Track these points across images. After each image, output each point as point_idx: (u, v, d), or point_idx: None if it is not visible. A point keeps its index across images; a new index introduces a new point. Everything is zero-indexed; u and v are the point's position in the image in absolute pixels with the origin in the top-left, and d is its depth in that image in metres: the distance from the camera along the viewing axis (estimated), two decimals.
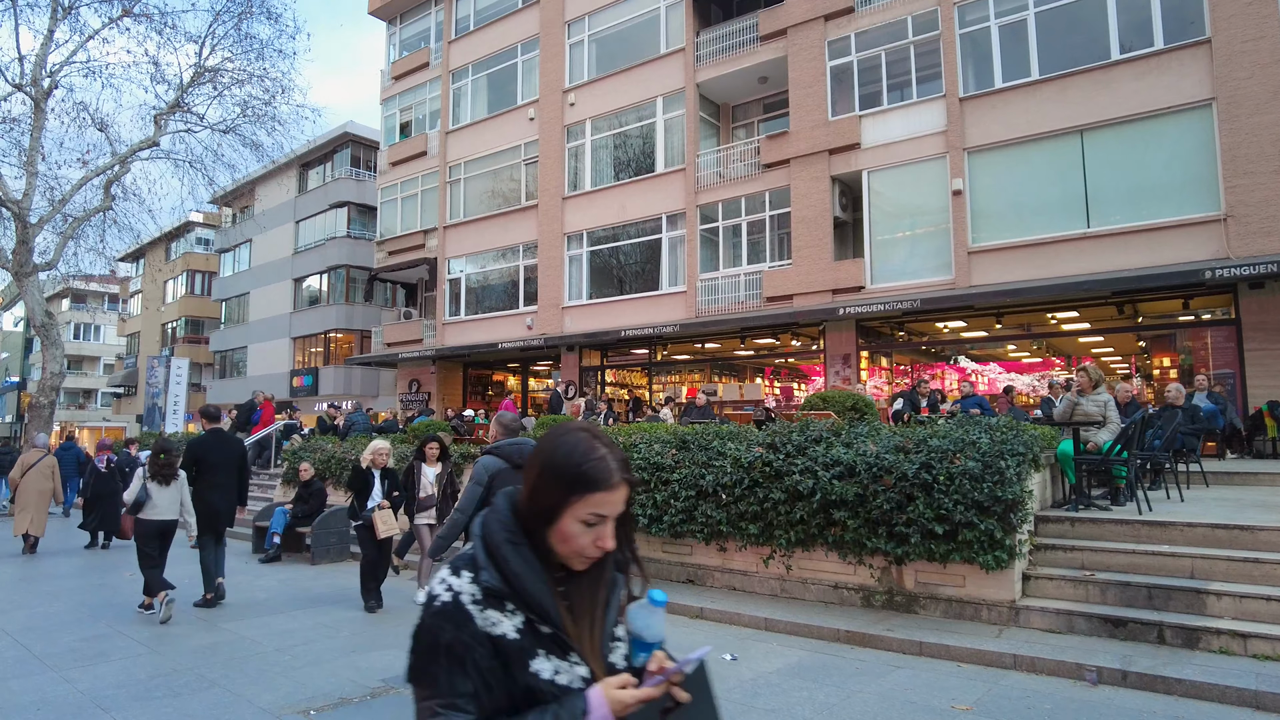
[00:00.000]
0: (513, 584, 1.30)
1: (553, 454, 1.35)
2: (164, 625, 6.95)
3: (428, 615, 1.29)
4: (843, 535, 6.57)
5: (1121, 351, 18.28)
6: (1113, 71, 14.51)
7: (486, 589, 1.29)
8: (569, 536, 1.32)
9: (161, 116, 18.36)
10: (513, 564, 1.30)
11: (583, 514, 1.31)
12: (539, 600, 1.30)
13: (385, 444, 8.06)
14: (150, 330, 46.79)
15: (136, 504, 7.30)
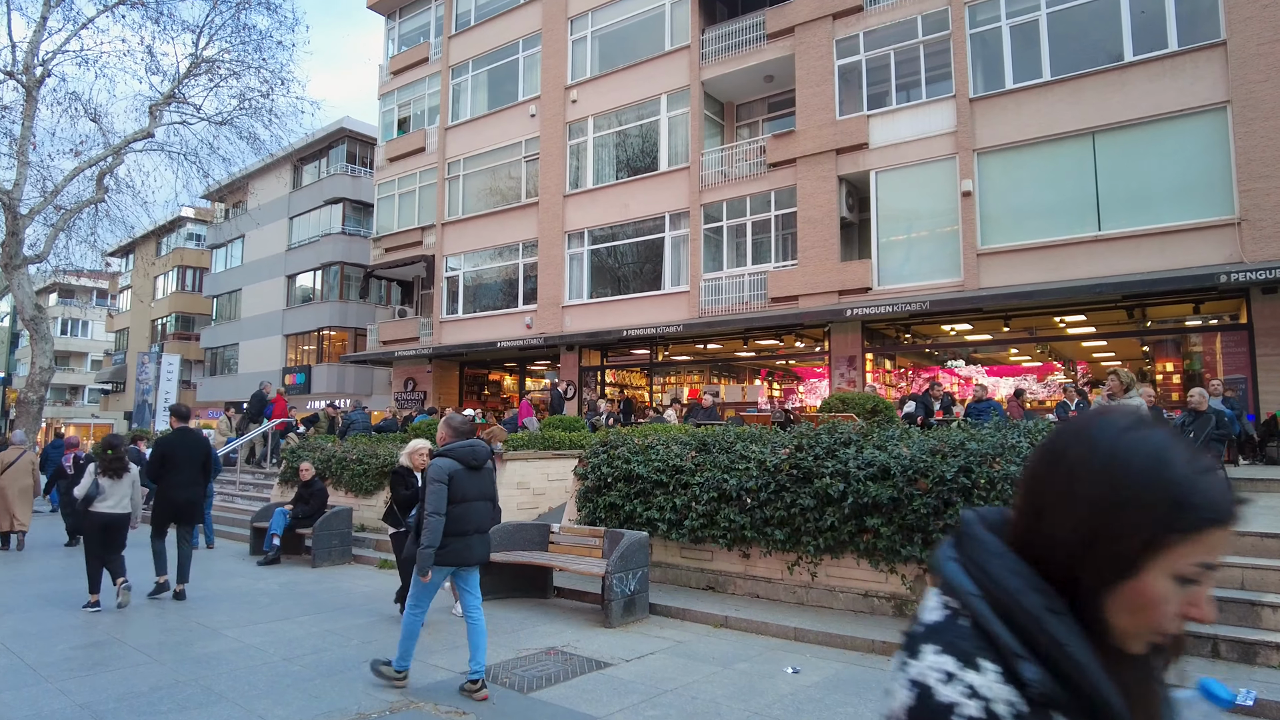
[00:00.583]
0: (1074, 685, 0.80)
1: (1123, 462, 0.83)
2: (162, 632, 6.64)
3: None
4: (875, 542, 6.33)
5: (1123, 356, 18.15)
6: (1126, 73, 14.37)
7: (1037, 696, 0.80)
8: (1152, 601, 0.83)
9: (156, 107, 17.99)
10: (1073, 650, 0.81)
11: (1184, 564, 0.82)
12: (1114, 713, 0.81)
13: (426, 443, 7.32)
14: (140, 326, 46.19)
15: (87, 498, 7.49)
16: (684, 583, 7.66)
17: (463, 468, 5.15)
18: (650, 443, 8.16)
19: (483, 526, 5.27)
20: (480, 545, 5.22)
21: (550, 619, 6.98)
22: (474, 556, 5.17)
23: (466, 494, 5.14)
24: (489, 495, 5.39)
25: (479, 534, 5.21)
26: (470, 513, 5.13)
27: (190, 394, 39.79)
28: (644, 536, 6.93)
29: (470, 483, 5.17)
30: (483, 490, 5.30)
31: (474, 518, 5.15)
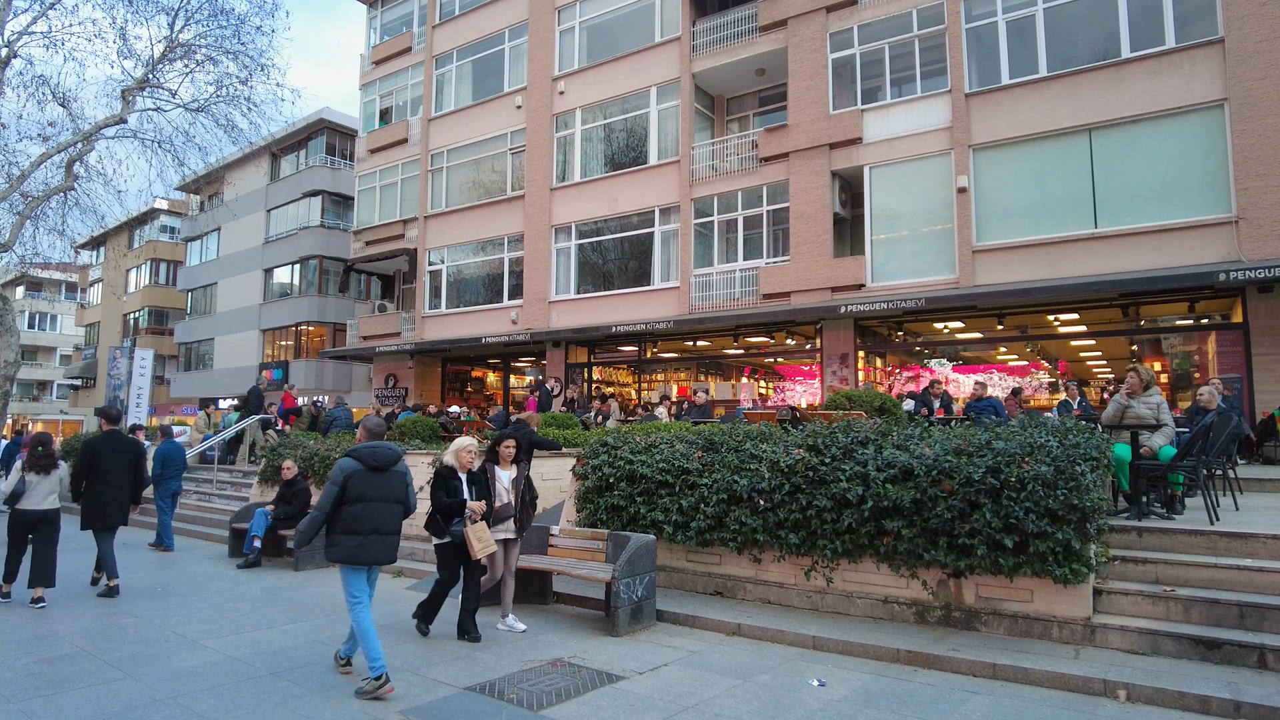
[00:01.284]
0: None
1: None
2: (137, 643, 6.20)
3: None
4: (895, 545, 6.04)
5: (1109, 355, 18.12)
6: (1123, 70, 14.24)
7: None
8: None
9: (130, 92, 17.31)
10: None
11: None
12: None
13: (472, 441, 6.66)
14: (111, 320, 45.06)
15: (14, 495, 7.48)
16: (690, 587, 7.34)
17: (363, 469, 5.28)
18: (654, 441, 7.82)
19: (383, 528, 5.29)
20: (377, 546, 5.24)
21: (552, 626, 6.63)
22: (367, 556, 5.21)
23: (365, 495, 5.23)
24: (395, 497, 5.43)
25: (377, 534, 5.24)
26: (368, 513, 5.22)
27: (164, 390, 38.87)
28: (651, 540, 6.60)
29: (371, 484, 5.28)
30: (386, 492, 5.35)
31: (373, 518, 5.22)
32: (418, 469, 10.41)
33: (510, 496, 6.65)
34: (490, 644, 6.11)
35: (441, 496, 6.34)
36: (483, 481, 6.53)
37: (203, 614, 7.22)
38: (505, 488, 6.66)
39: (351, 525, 5.16)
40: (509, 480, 6.74)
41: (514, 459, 6.82)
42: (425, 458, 10.34)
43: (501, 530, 6.56)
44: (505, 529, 6.60)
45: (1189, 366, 15.43)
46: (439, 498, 6.34)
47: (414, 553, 9.56)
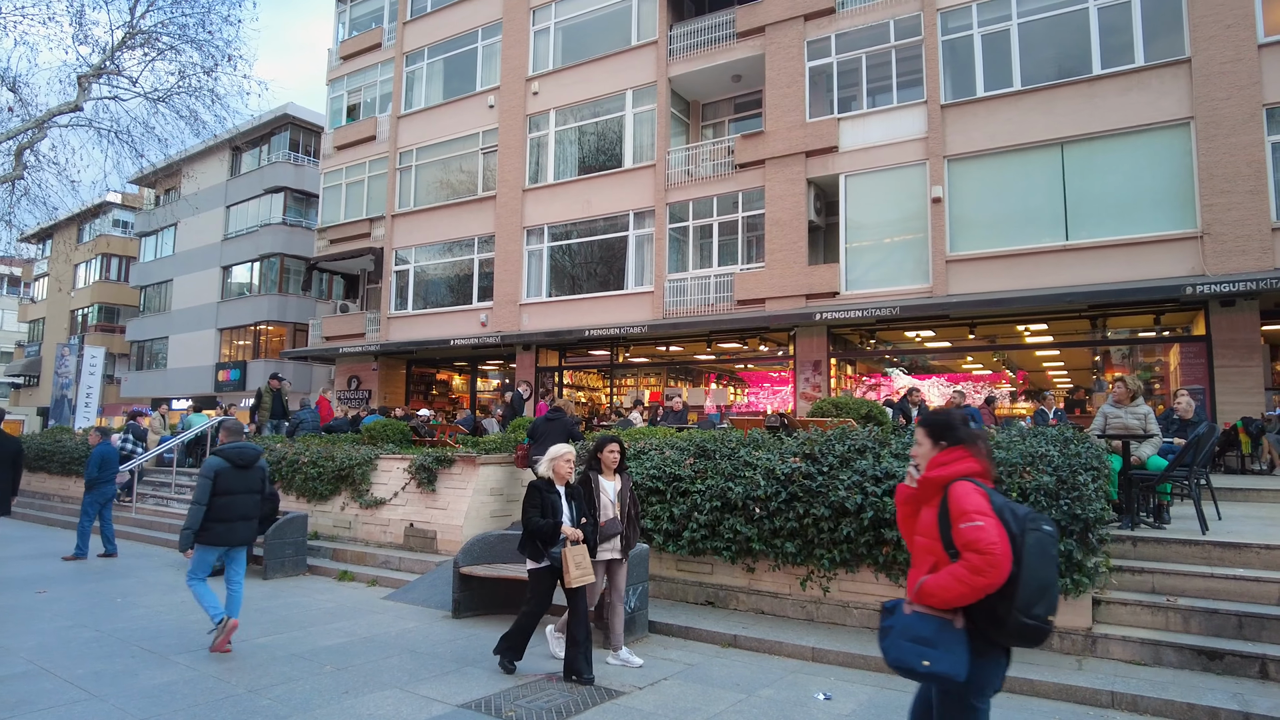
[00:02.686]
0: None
1: None
2: (99, 659, 5.84)
3: None
4: (895, 555, 5.97)
5: (1072, 366, 18.48)
6: (1095, 86, 14.52)
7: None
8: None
9: (86, 79, 16.64)
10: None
11: None
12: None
13: (570, 449, 5.82)
14: (57, 316, 43.42)
15: None
16: (680, 597, 7.18)
17: (230, 466, 6.23)
18: (643, 448, 7.66)
19: (248, 514, 6.35)
20: (244, 529, 6.34)
21: (541, 638, 6.41)
22: (237, 539, 6.32)
23: (232, 488, 6.20)
24: (255, 489, 6.42)
25: (244, 520, 6.31)
26: (235, 504, 6.22)
27: (114, 389, 37.57)
28: (644, 549, 6.43)
29: (236, 479, 6.24)
30: (249, 485, 6.35)
31: (238, 508, 6.24)
32: (391, 474, 10.12)
33: (615, 510, 5.86)
34: (480, 658, 5.87)
35: (535, 515, 5.50)
36: (583, 495, 5.75)
37: (171, 626, 6.86)
38: (610, 500, 5.86)
39: (221, 514, 6.13)
40: (614, 492, 5.90)
41: (617, 468, 5.94)
42: (401, 463, 10.04)
43: (607, 550, 5.81)
44: (611, 548, 5.83)
45: (1150, 377, 15.75)
46: (532, 516, 5.50)
47: (389, 561, 9.25)
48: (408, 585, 8.27)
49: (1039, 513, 3.22)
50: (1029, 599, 2.71)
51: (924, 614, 2.87)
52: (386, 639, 6.42)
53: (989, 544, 2.69)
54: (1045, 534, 2.79)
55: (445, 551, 9.10)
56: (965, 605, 2.79)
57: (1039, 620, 2.73)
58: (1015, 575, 2.72)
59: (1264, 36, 13.33)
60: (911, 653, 2.87)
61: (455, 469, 9.45)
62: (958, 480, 2.88)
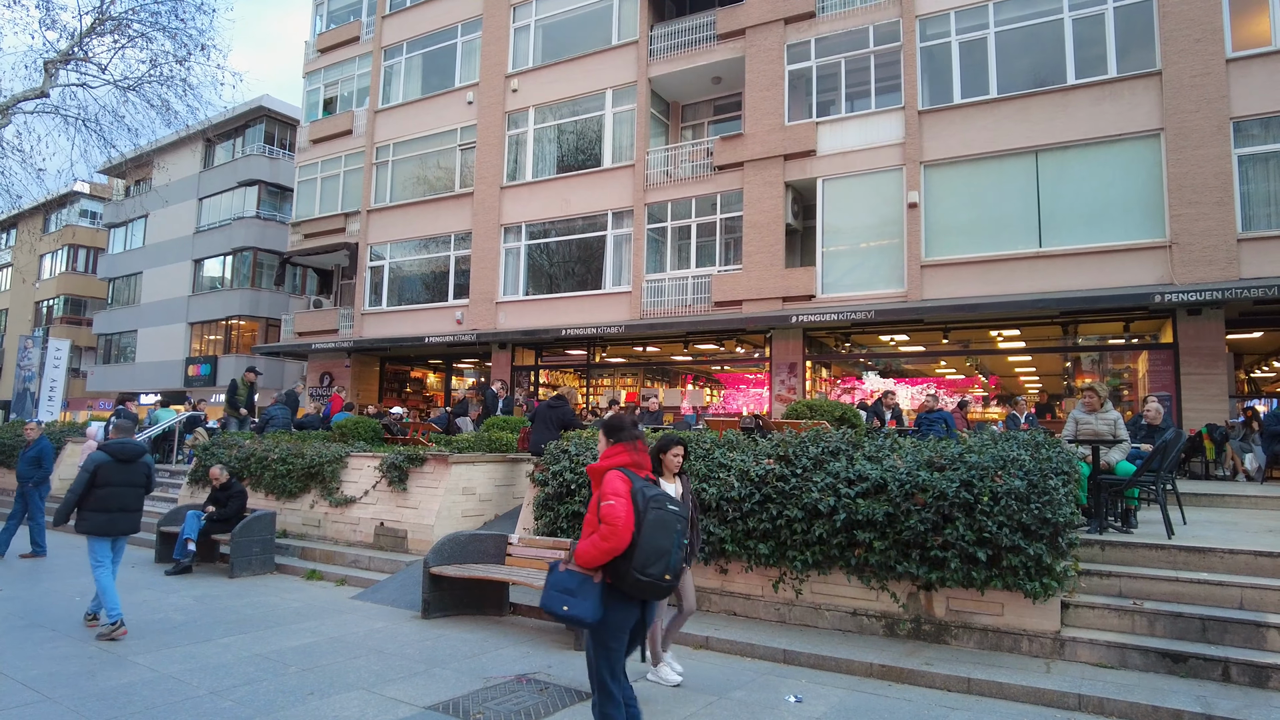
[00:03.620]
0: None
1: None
2: (56, 660, 5.69)
3: None
4: (867, 557, 5.98)
5: (1044, 371, 18.73)
6: (1069, 95, 14.71)
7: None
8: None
9: (53, 65, 16.28)
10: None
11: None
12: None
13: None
14: (20, 308, 42.46)
15: None
16: None
17: (112, 460, 6.59)
18: None
19: (128, 507, 6.65)
20: (124, 520, 6.61)
21: (513, 640, 6.35)
22: (115, 529, 6.55)
23: (112, 480, 6.55)
24: (137, 483, 6.74)
25: (123, 512, 6.60)
26: (115, 495, 6.55)
27: (80, 383, 36.80)
28: None
29: (117, 472, 6.59)
30: (130, 479, 6.67)
31: (118, 500, 6.56)
32: (362, 472, 9.99)
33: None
34: (449, 659, 5.80)
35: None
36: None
37: (131, 625, 6.67)
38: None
39: (101, 505, 6.48)
40: (676, 495, 5.26)
41: (677, 471, 5.35)
42: (372, 461, 9.91)
43: None
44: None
45: (1119, 384, 15.99)
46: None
47: (358, 560, 9.12)
48: (377, 585, 8.15)
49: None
50: (644, 561, 3.52)
51: (572, 571, 3.66)
52: (353, 639, 6.31)
53: (614, 518, 3.53)
54: (668, 512, 3.64)
55: (416, 551, 8.99)
56: (601, 564, 3.58)
57: (653, 578, 3.55)
58: (636, 542, 3.52)
59: (1232, 51, 13.59)
60: (556, 600, 3.64)
61: (427, 468, 9.35)
62: (611, 470, 3.72)
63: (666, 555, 3.58)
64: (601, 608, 3.60)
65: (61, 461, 15.33)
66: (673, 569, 3.61)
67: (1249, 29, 13.86)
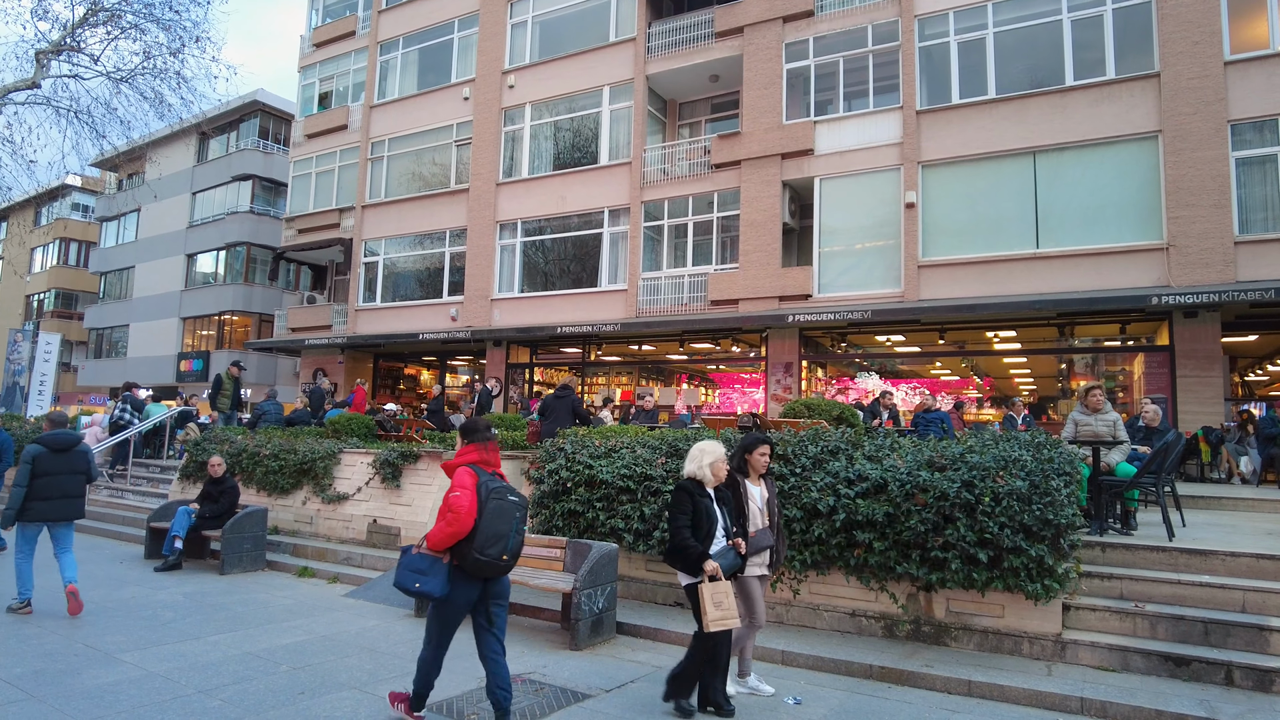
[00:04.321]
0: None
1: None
2: (41, 657, 5.59)
3: None
4: (866, 558, 5.92)
5: (1037, 373, 18.73)
6: (1067, 97, 14.69)
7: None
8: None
9: (44, 55, 16.10)
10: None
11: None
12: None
13: (722, 447, 4.90)
14: (10, 301, 42.14)
15: None
16: (649, 598, 7.08)
17: (47, 451, 6.97)
18: (614, 446, 7.54)
19: (68, 493, 7.05)
20: (64, 506, 7.02)
21: (509, 639, 6.24)
22: (57, 514, 6.98)
23: (49, 470, 6.95)
24: (77, 470, 7.16)
25: (64, 498, 7.01)
26: (54, 483, 6.95)
27: (70, 377, 36.54)
28: (613, 549, 6.32)
29: (54, 462, 6.99)
30: (70, 467, 7.09)
31: (58, 487, 6.97)
32: (355, 468, 9.89)
33: (764, 520, 5.02)
34: (446, 658, 5.69)
35: (685, 527, 4.62)
36: (731, 502, 4.88)
37: (117, 622, 6.59)
38: (759, 508, 5.00)
39: (42, 493, 6.89)
40: (761, 499, 5.05)
41: (762, 471, 5.11)
42: (365, 457, 9.81)
43: (756, 564, 4.94)
44: (759, 562, 4.98)
45: (1113, 385, 15.99)
46: (681, 526, 4.62)
47: (351, 557, 9.03)
48: (369, 583, 8.06)
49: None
50: (484, 543, 4.11)
51: (424, 554, 4.22)
52: (345, 638, 6.22)
53: (459, 507, 4.10)
54: (507, 502, 4.23)
55: None
56: (447, 547, 4.16)
57: (491, 558, 4.14)
58: (478, 527, 4.10)
59: (1230, 54, 13.59)
60: (409, 578, 4.20)
61: (421, 465, 9.26)
62: (462, 466, 4.31)
63: (504, 539, 4.16)
64: (448, 585, 4.16)
65: None
66: (510, 550, 4.20)
67: (1248, 32, 13.86)
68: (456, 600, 4.24)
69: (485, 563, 4.12)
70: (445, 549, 4.17)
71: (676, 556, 4.68)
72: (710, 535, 4.63)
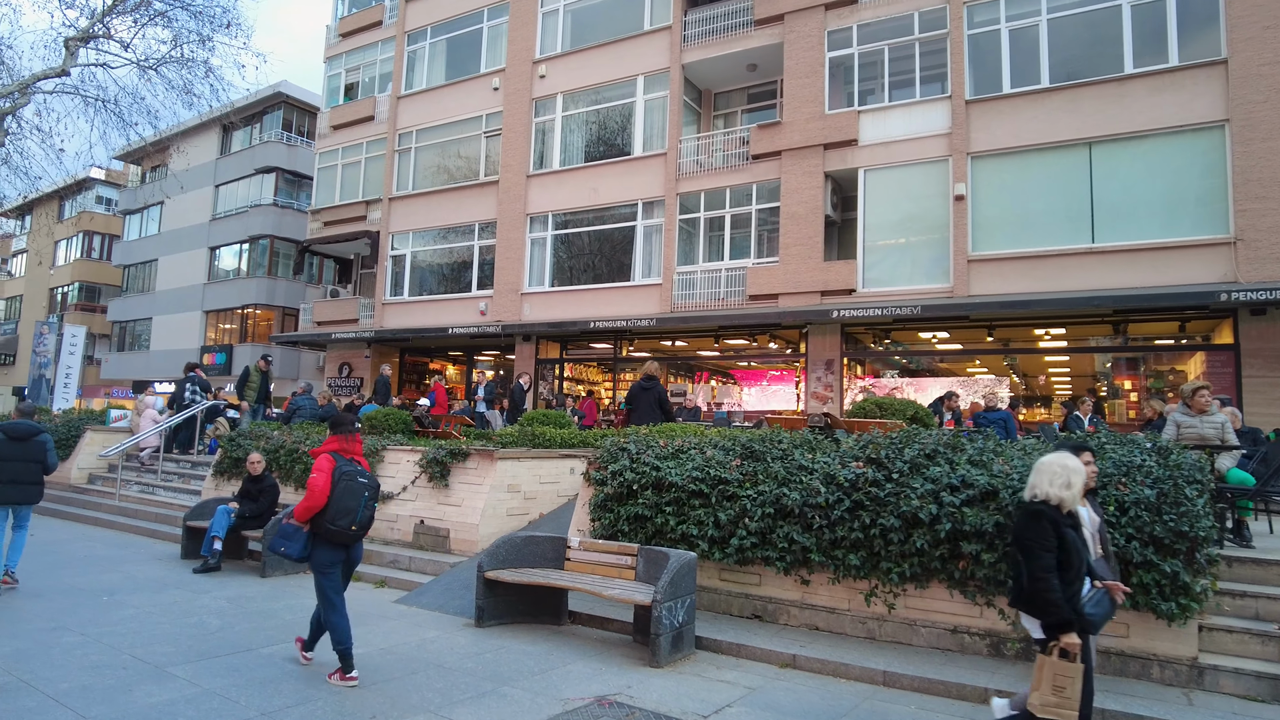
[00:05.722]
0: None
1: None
2: (87, 670, 5.22)
3: None
4: (973, 570, 5.45)
5: (1077, 373, 18.11)
6: (1126, 85, 14.11)
7: None
8: None
9: (73, 42, 15.81)
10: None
11: None
12: None
13: (1079, 461, 3.95)
14: (35, 294, 42.18)
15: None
16: (723, 609, 6.63)
17: (5, 438, 7.58)
18: (680, 446, 7.10)
19: (18, 479, 7.62)
20: (14, 491, 7.60)
21: (580, 654, 5.84)
22: (7, 498, 7.57)
23: (6, 456, 7.57)
24: (34, 459, 7.71)
25: (14, 484, 7.58)
26: (5, 469, 7.55)
27: (94, 370, 36.48)
28: (692, 558, 5.87)
29: (9, 448, 7.60)
30: (25, 455, 7.66)
31: (8, 472, 7.55)
32: (400, 466, 9.50)
33: (1096, 548, 4.18)
34: (515, 677, 5.29)
35: (1052, 572, 3.64)
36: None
37: (164, 631, 6.21)
38: (1090, 534, 4.12)
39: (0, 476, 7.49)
40: (1092, 523, 4.21)
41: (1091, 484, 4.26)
42: (411, 455, 9.41)
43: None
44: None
45: (1162, 385, 15.39)
46: (1047, 572, 3.64)
47: (398, 560, 8.64)
48: (421, 588, 7.67)
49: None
50: (334, 515, 5.06)
51: (290, 523, 5.28)
52: (407, 651, 5.82)
53: (313, 486, 5.07)
54: (357, 483, 5.18)
55: (459, 551, 8.50)
56: (307, 519, 5.12)
57: (342, 528, 5.07)
58: (330, 502, 5.04)
59: None
60: (277, 543, 5.35)
61: (470, 463, 8.85)
62: (324, 453, 5.28)
63: (353, 512, 5.11)
64: (307, 549, 5.21)
65: (80, 450, 14.91)
66: (359, 522, 5.15)
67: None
68: (321, 560, 5.18)
69: (336, 531, 5.08)
70: (305, 520, 5.14)
71: (1034, 605, 3.72)
72: (1080, 576, 3.71)
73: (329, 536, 5.08)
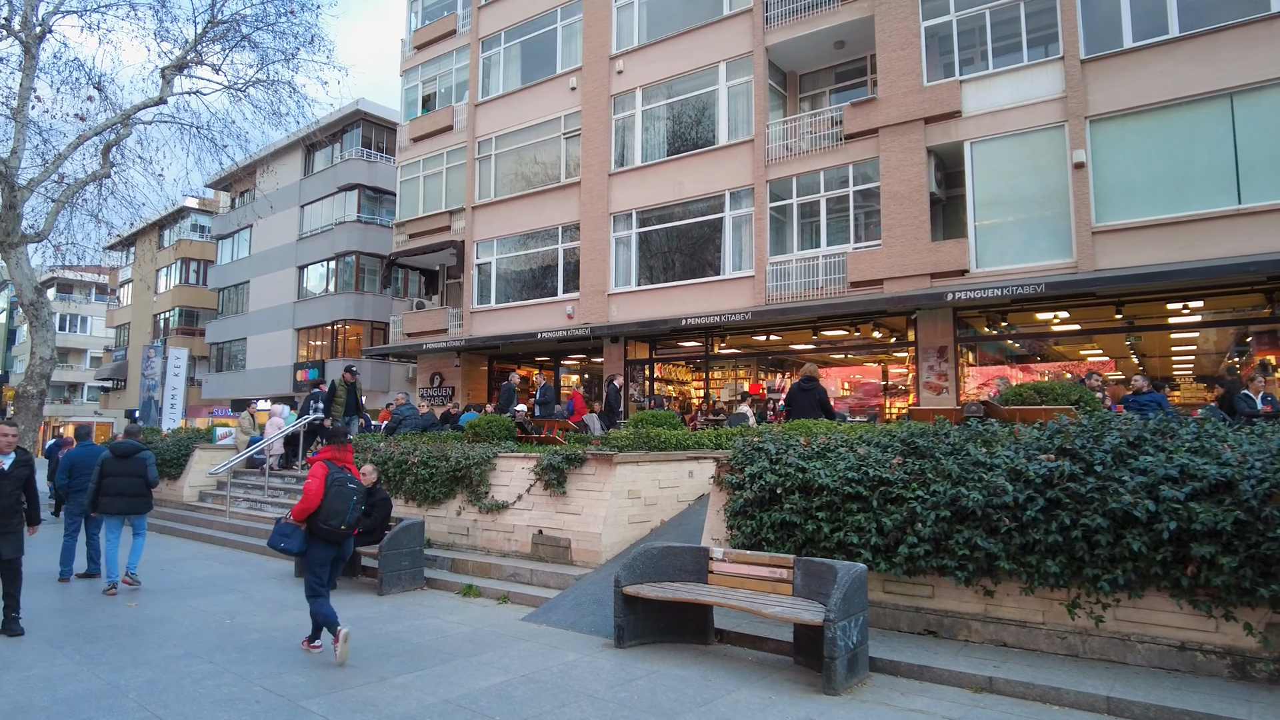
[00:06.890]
0: None
1: None
2: (222, 705, 4.91)
3: None
4: (1208, 577, 4.62)
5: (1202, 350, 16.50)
6: (1272, 26, 12.71)
7: None
8: None
9: (169, 71, 16.20)
10: None
11: None
12: None
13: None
14: (141, 321, 44.30)
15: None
16: (890, 625, 5.94)
17: (112, 456, 8.40)
18: (827, 444, 6.43)
19: (127, 492, 8.45)
20: (121, 503, 8.43)
21: (740, 679, 5.24)
22: (115, 509, 8.41)
23: (113, 472, 8.43)
24: (137, 473, 8.52)
25: (121, 496, 8.41)
26: (117, 484, 8.43)
27: (195, 391, 37.97)
28: (863, 570, 5.20)
29: (117, 465, 8.41)
30: (130, 470, 8.48)
31: (119, 486, 8.43)
32: (513, 474, 9.12)
33: None
34: (679, 709, 4.73)
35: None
36: None
37: (290, 658, 5.92)
38: None
39: (109, 490, 8.43)
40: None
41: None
42: (525, 462, 9.02)
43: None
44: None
45: None
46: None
47: (518, 574, 8.22)
48: (549, 604, 7.21)
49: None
50: (326, 516, 5.77)
51: (288, 522, 5.95)
52: (549, 679, 5.33)
53: (308, 489, 5.76)
54: (346, 489, 5.86)
55: (581, 562, 8.03)
56: (302, 519, 5.81)
57: (332, 527, 5.79)
58: (323, 505, 5.74)
59: None
60: (277, 539, 5.96)
61: (588, 469, 8.38)
62: (319, 460, 5.99)
63: (341, 514, 5.77)
64: (304, 545, 5.84)
65: (190, 468, 15.20)
66: (347, 522, 5.81)
67: None
68: (314, 555, 5.86)
69: (328, 530, 5.76)
70: (301, 520, 5.81)
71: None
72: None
73: (321, 534, 5.77)
